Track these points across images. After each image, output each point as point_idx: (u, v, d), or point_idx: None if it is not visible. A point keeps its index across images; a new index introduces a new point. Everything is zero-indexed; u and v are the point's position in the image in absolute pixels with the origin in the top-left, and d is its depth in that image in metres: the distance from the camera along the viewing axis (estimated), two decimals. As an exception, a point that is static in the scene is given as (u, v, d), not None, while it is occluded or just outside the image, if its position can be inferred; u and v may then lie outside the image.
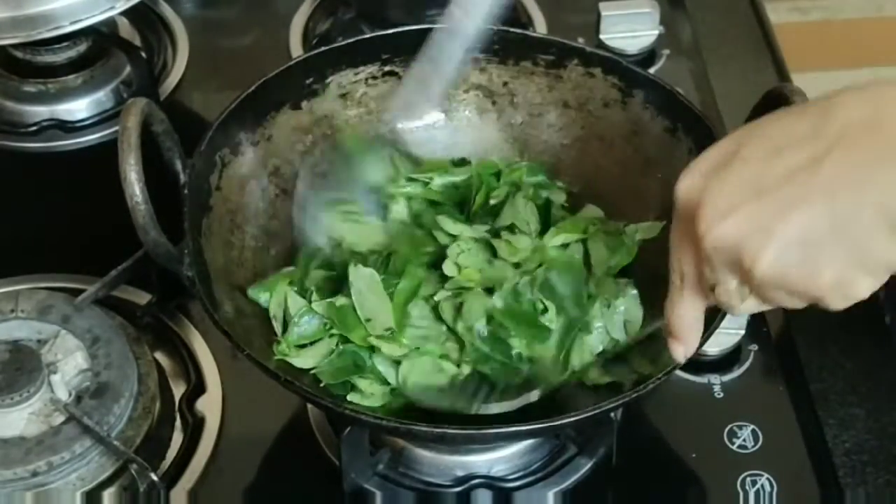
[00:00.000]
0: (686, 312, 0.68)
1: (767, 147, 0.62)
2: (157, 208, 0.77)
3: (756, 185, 0.61)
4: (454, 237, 0.86)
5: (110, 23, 1.12)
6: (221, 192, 0.86)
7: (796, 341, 0.90)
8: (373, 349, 0.82)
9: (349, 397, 0.81)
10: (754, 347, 0.91)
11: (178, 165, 0.82)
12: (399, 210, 0.89)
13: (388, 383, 0.81)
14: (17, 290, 0.90)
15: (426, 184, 0.90)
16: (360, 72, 0.93)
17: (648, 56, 1.13)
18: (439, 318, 0.82)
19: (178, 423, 0.87)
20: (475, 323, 0.81)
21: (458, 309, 0.82)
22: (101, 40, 1.11)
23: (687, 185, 0.64)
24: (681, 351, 0.70)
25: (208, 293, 0.79)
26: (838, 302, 0.62)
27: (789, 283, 0.61)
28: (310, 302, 0.83)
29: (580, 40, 0.96)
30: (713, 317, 0.73)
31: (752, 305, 0.65)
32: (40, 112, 1.10)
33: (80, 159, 1.07)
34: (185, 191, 0.81)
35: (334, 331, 0.82)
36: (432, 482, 0.84)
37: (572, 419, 0.75)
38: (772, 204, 0.60)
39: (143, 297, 0.93)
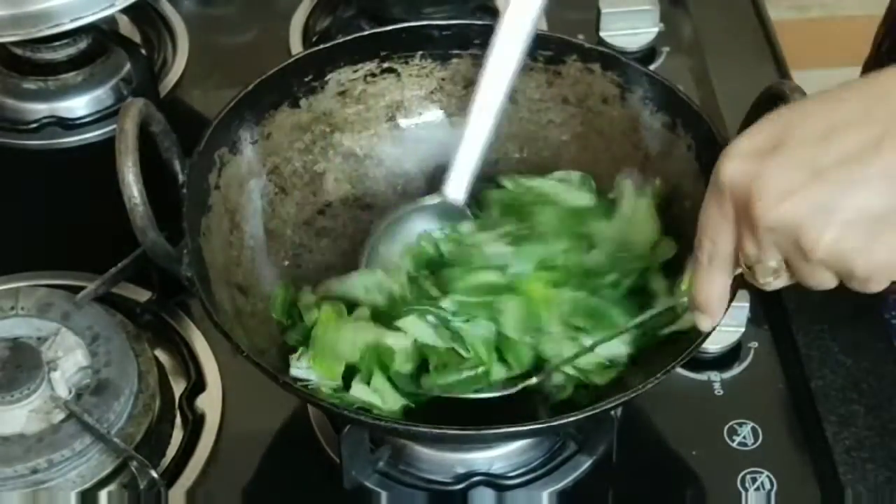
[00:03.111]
0: (714, 287, 0.69)
1: (818, 130, 0.63)
2: (156, 208, 0.77)
3: (813, 167, 0.62)
4: None
5: (110, 20, 1.12)
6: (220, 192, 0.86)
7: (796, 338, 0.90)
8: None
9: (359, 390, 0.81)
10: (754, 345, 0.91)
11: (177, 165, 0.82)
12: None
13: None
14: (17, 287, 0.90)
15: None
16: (359, 69, 0.93)
17: (648, 53, 1.13)
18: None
19: (178, 420, 0.87)
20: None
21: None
22: (101, 38, 1.11)
23: (734, 168, 0.64)
24: (707, 323, 0.72)
25: (207, 293, 0.79)
26: (882, 283, 0.64)
27: (844, 262, 0.63)
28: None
29: (580, 37, 0.95)
30: (736, 290, 0.74)
31: (783, 283, 0.67)
32: (40, 109, 1.10)
33: (81, 156, 1.07)
34: (184, 190, 0.81)
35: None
36: (433, 479, 0.84)
37: (572, 419, 0.75)
38: (832, 185, 0.62)
39: (143, 295, 0.93)
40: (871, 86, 0.64)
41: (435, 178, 0.95)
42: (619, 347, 0.81)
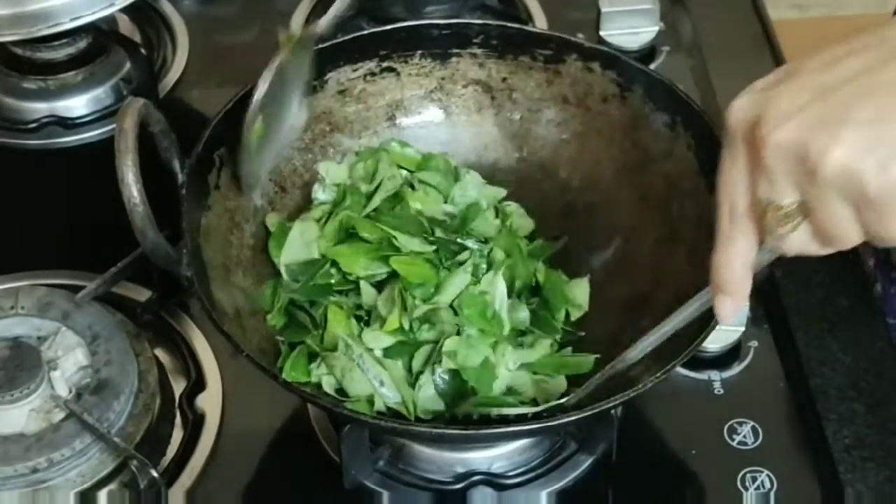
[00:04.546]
0: (735, 258, 0.65)
1: (826, 59, 0.61)
2: (156, 207, 0.77)
3: (820, 87, 0.60)
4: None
5: (110, 19, 1.12)
6: (220, 191, 0.86)
7: (796, 337, 0.90)
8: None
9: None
10: (754, 344, 0.91)
11: (176, 165, 0.82)
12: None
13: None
14: (17, 286, 0.90)
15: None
16: (359, 68, 0.93)
17: (648, 53, 1.13)
18: None
19: (178, 419, 0.87)
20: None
21: None
22: (100, 37, 1.11)
23: (742, 101, 0.63)
24: (728, 306, 0.68)
25: (207, 293, 0.79)
26: None
27: (855, 181, 0.59)
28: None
29: (580, 37, 0.95)
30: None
31: (803, 238, 0.63)
32: (40, 109, 1.10)
33: (80, 156, 1.07)
34: (184, 190, 0.81)
35: None
36: (433, 479, 0.84)
37: (572, 418, 0.75)
38: (837, 100, 0.59)
39: (143, 294, 0.93)
40: (874, 32, 0.63)
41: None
42: None
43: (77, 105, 1.10)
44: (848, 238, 0.61)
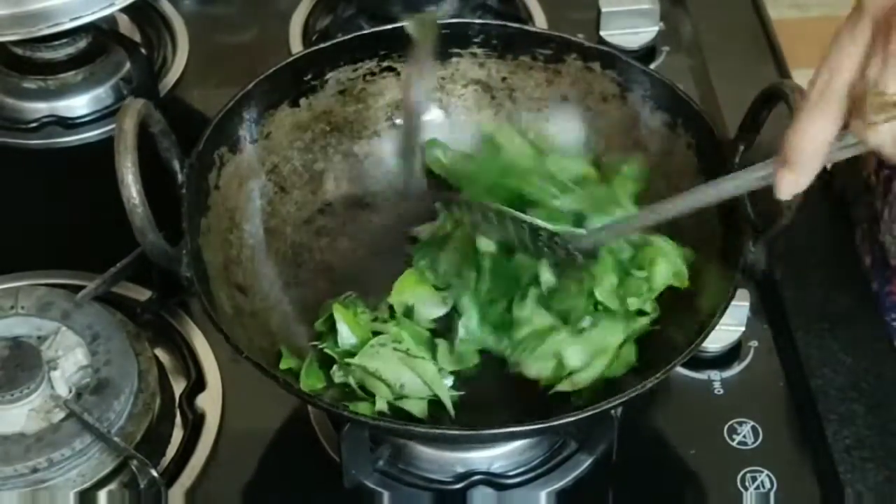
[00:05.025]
0: (816, 130, 0.63)
1: None
2: (156, 208, 0.77)
3: None
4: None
5: (110, 19, 1.12)
6: (220, 191, 0.86)
7: (796, 337, 0.90)
8: None
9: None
10: (754, 344, 0.91)
11: (176, 165, 0.82)
12: None
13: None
14: (17, 286, 0.90)
15: None
16: (359, 68, 0.93)
17: (648, 52, 1.13)
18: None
19: (178, 419, 0.87)
20: None
21: None
22: (100, 37, 1.11)
23: None
24: (791, 183, 0.65)
25: (207, 293, 0.79)
26: None
27: None
28: None
29: (580, 36, 0.95)
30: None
31: (890, 133, 0.61)
32: (40, 108, 1.10)
33: (80, 156, 1.07)
34: (183, 190, 0.81)
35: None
36: (433, 479, 0.84)
37: (572, 418, 0.75)
38: None
39: (143, 294, 0.93)
40: None
41: (434, 177, 0.96)
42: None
43: (77, 105, 1.10)
44: None
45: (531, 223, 0.80)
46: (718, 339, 0.89)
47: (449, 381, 0.83)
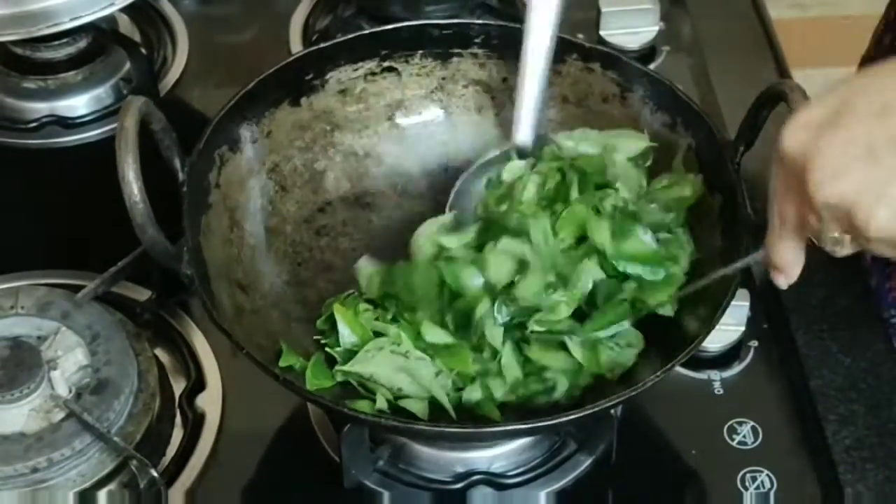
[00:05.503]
0: (787, 250, 0.71)
1: (875, 105, 0.63)
2: (157, 206, 0.77)
3: (868, 145, 0.63)
4: None
5: (110, 19, 1.12)
6: (220, 190, 0.86)
7: (796, 338, 0.90)
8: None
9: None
10: (754, 344, 0.91)
11: (177, 163, 0.82)
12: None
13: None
14: (17, 286, 0.90)
15: None
16: (359, 67, 0.93)
17: (648, 52, 1.13)
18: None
19: (178, 419, 0.87)
20: None
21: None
22: (100, 37, 1.11)
23: (793, 140, 0.65)
24: (782, 280, 0.73)
25: (207, 291, 0.79)
26: None
27: None
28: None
29: (580, 37, 0.95)
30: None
31: (850, 251, 0.67)
32: (40, 108, 1.10)
33: (80, 156, 1.07)
34: (184, 189, 0.81)
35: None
36: (432, 478, 0.84)
37: (572, 417, 0.75)
38: (884, 165, 0.62)
39: (143, 294, 0.93)
40: None
41: (435, 177, 0.96)
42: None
43: (77, 105, 1.10)
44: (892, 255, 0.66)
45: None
46: (718, 339, 0.89)
47: (449, 382, 0.83)
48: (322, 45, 0.92)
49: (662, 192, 0.87)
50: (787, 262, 0.71)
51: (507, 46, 0.93)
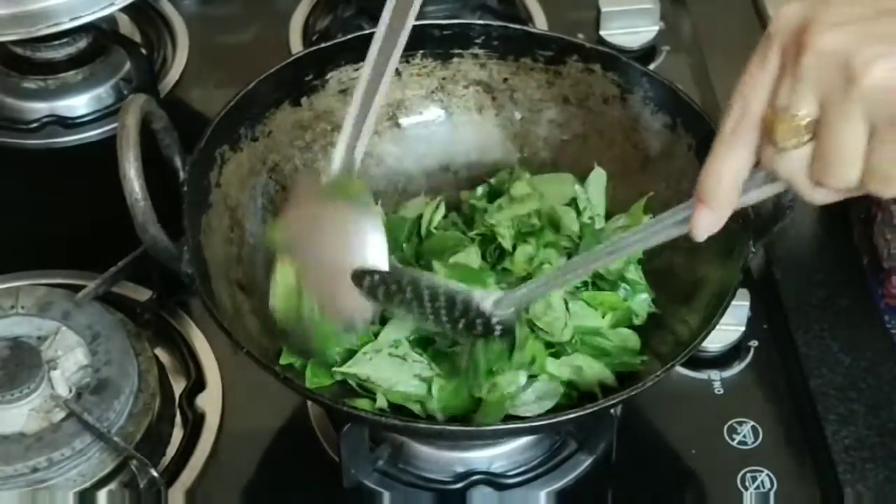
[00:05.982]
0: (728, 166, 0.63)
1: None
2: (157, 205, 0.77)
3: (876, 9, 0.59)
4: None
5: (110, 19, 1.12)
6: (221, 189, 0.86)
7: (796, 338, 0.90)
8: None
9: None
10: (754, 344, 0.91)
11: (178, 162, 0.82)
12: None
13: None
14: (17, 286, 0.90)
15: None
16: (360, 67, 0.93)
17: (648, 52, 1.13)
18: None
19: (178, 419, 0.87)
20: None
21: None
22: (100, 37, 1.11)
23: (793, 7, 0.61)
24: (706, 218, 0.64)
25: (207, 290, 0.79)
26: None
27: (890, 99, 0.57)
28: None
29: (580, 36, 0.96)
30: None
31: (800, 161, 0.60)
32: (40, 108, 1.10)
33: (81, 155, 1.07)
34: (185, 188, 0.81)
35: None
36: (432, 478, 0.84)
37: (572, 416, 0.75)
38: (892, 20, 0.58)
39: (143, 294, 0.93)
40: None
41: (435, 177, 0.96)
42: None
43: (77, 105, 1.10)
44: (844, 172, 0.59)
45: (448, 291, 0.77)
46: (718, 339, 0.89)
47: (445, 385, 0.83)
48: (322, 45, 0.92)
49: (613, 235, 0.87)
50: (722, 183, 0.63)
51: (508, 47, 0.93)
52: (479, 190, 0.92)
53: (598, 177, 0.92)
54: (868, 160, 0.59)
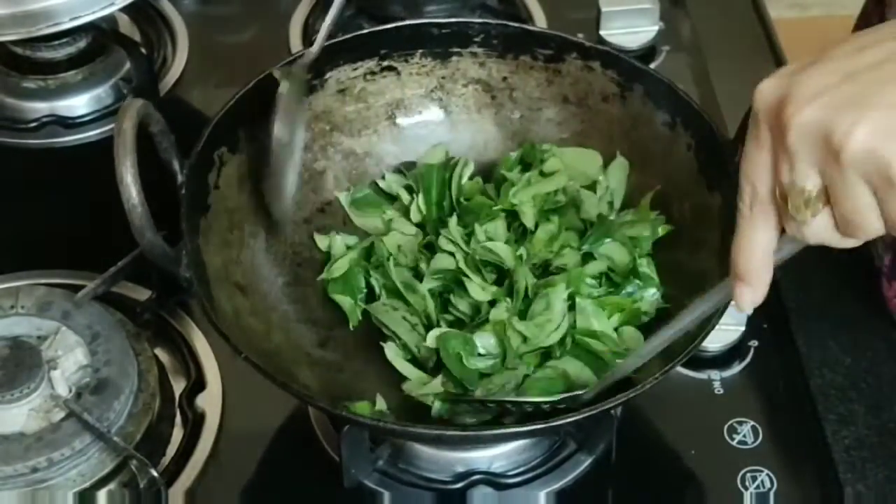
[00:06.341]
0: (756, 245, 0.64)
1: (853, 47, 0.61)
2: (156, 207, 0.77)
3: (847, 71, 0.60)
4: None
5: (110, 19, 1.12)
6: (220, 191, 0.86)
7: (796, 337, 0.90)
8: None
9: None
10: (754, 343, 0.91)
11: (176, 165, 0.82)
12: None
13: None
14: (17, 286, 0.90)
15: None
16: (359, 67, 0.93)
17: (648, 52, 1.13)
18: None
19: (178, 419, 0.87)
20: None
21: None
22: (100, 36, 1.11)
23: (769, 83, 0.62)
24: (748, 296, 0.66)
25: (206, 293, 0.79)
26: None
27: (879, 162, 0.58)
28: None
29: (580, 36, 0.95)
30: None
31: (824, 226, 0.62)
32: (40, 108, 1.10)
33: (80, 155, 1.07)
34: (183, 190, 0.81)
35: None
36: (432, 478, 0.84)
37: (571, 418, 0.74)
38: (865, 83, 0.59)
39: (143, 294, 0.93)
40: None
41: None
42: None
43: (77, 105, 1.10)
44: (868, 225, 0.60)
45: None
46: (718, 338, 0.89)
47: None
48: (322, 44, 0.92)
49: (622, 228, 0.87)
50: (754, 264, 0.64)
51: (507, 45, 0.93)
52: (513, 155, 0.93)
53: (620, 165, 0.92)
54: (882, 212, 0.60)
